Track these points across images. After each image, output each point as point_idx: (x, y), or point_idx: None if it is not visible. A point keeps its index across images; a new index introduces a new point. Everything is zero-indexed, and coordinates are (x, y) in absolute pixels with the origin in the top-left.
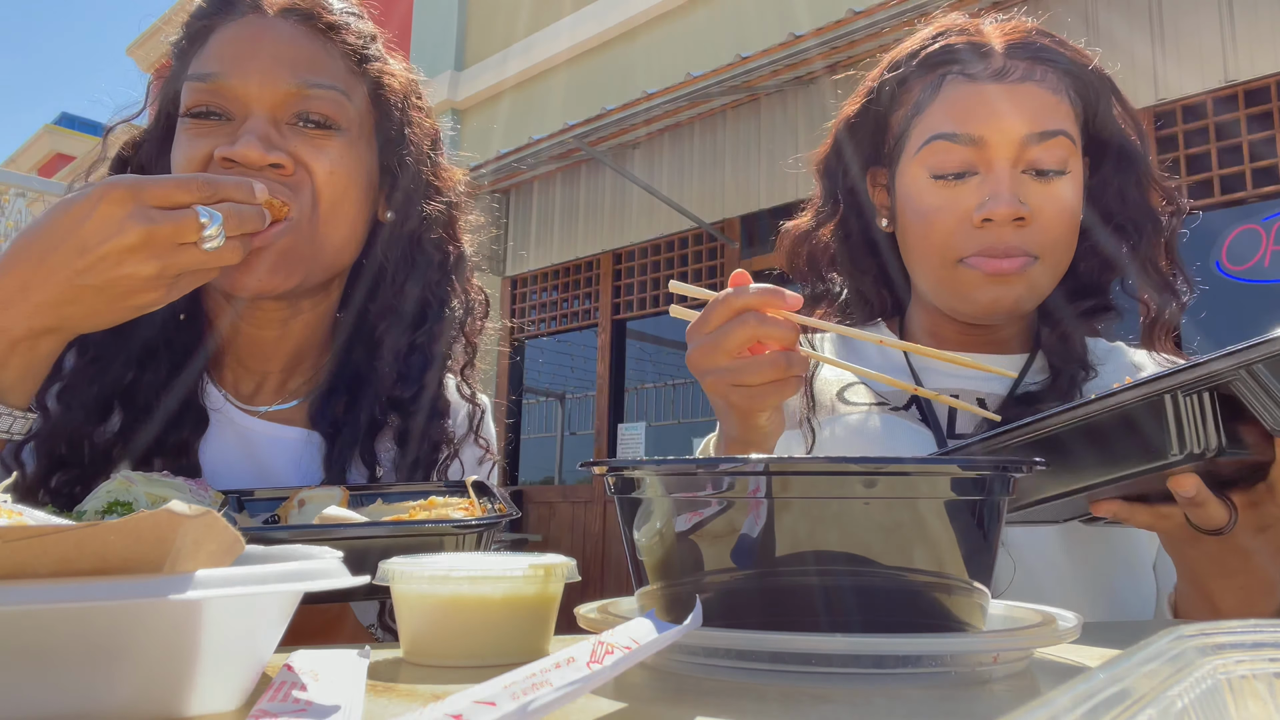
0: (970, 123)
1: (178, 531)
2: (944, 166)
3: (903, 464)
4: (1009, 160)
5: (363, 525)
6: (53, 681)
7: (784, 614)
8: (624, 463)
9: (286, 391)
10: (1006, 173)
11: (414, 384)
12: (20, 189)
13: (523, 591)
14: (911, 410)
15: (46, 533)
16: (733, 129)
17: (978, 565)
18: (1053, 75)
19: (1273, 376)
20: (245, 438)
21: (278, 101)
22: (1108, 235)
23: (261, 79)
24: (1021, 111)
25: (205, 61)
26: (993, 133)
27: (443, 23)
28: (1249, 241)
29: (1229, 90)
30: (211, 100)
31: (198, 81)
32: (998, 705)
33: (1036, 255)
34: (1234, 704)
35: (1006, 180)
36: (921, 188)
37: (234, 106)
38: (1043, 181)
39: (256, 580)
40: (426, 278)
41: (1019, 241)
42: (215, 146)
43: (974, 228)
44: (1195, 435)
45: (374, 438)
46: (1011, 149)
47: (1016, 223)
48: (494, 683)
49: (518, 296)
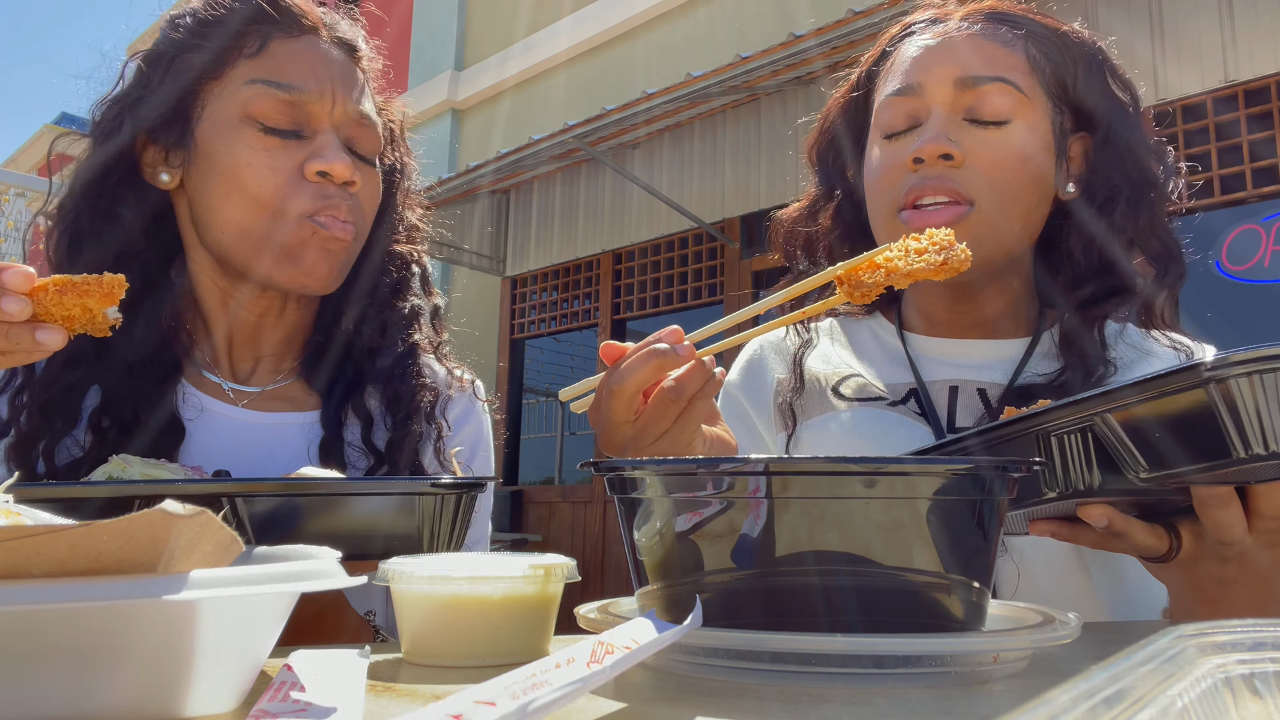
0: (909, 74)
1: (171, 532)
2: (892, 124)
3: (903, 463)
4: (945, 105)
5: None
6: (47, 683)
7: (784, 614)
8: (624, 463)
9: (282, 369)
10: (942, 116)
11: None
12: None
13: (523, 591)
14: (909, 404)
15: (40, 533)
16: (733, 129)
17: (978, 565)
18: (1006, 31)
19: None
20: (233, 432)
21: (343, 124)
22: (1106, 211)
23: (335, 99)
24: (956, 56)
25: (278, 71)
26: (928, 79)
27: (443, 23)
28: (1249, 241)
29: (1229, 90)
30: (290, 114)
31: (277, 90)
32: (998, 705)
33: (971, 200)
34: (1234, 704)
35: (939, 120)
36: (876, 151)
37: (305, 121)
38: (980, 127)
39: (251, 581)
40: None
41: (951, 183)
42: (297, 161)
43: (908, 172)
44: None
45: (363, 394)
46: (945, 91)
47: (944, 161)
48: (494, 683)
49: (518, 296)
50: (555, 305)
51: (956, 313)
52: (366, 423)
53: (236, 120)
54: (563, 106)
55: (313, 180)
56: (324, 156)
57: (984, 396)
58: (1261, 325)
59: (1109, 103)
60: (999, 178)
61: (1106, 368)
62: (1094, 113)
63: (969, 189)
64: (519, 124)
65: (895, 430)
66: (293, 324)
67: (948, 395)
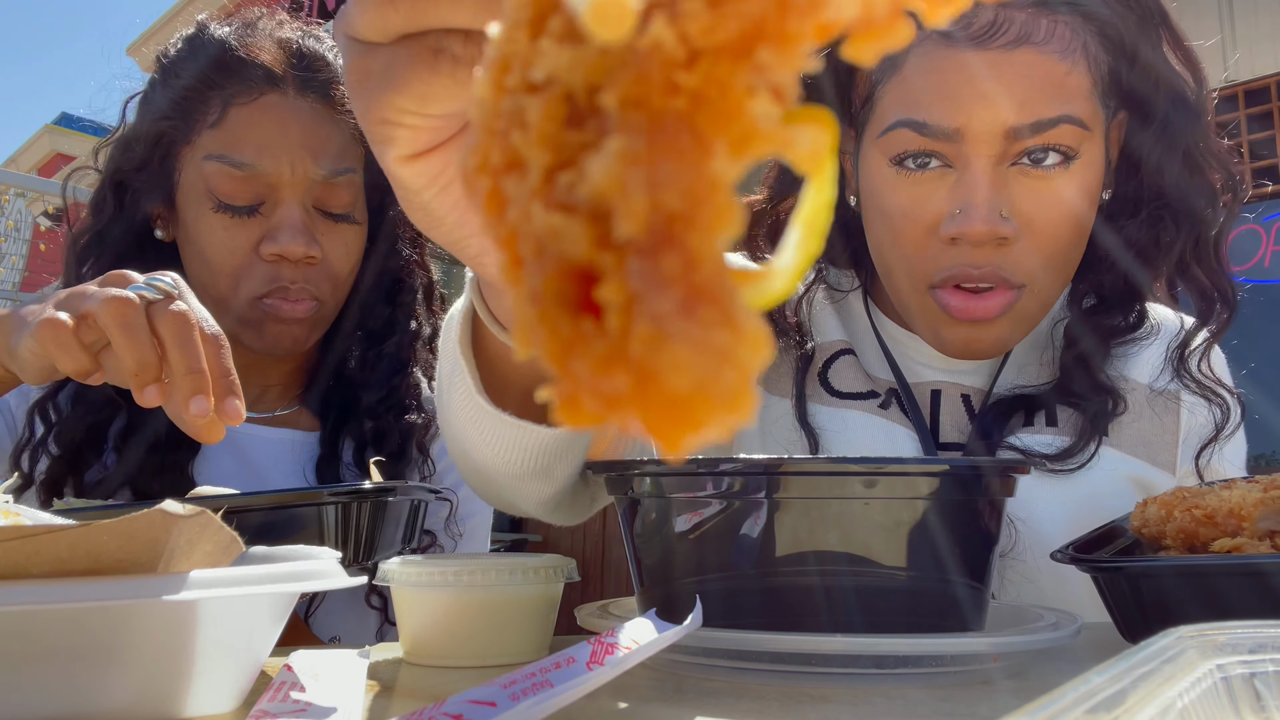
0: (942, 108)
1: (171, 532)
2: (906, 153)
3: (903, 464)
4: (990, 158)
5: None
6: (47, 683)
7: (784, 614)
8: (624, 463)
9: (290, 395)
10: (986, 175)
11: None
12: (20, 189)
13: (523, 591)
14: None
15: (39, 533)
16: None
17: (978, 565)
18: (1063, 27)
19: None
20: (239, 446)
21: (306, 190)
22: (1135, 223)
23: (293, 169)
24: (1011, 93)
25: (233, 145)
26: (970, 121)
27: None
28: (1249, 241)
29: (1229, 90)
30: (245, 190)
31: (231, 168)
32: (998, 705)
33: (1023, 284)
34: (1234, 704)
35: (984, 186)
36: (884, 180)
37: (266, 193)
38: (1036, 177)
39: (251, 581)
40: (399, 300)
41: (1000, 264)
42: (253, 239)
43: (944, 244)
44: None
45: (360, 421)
46: (994, 144)
47: (998, 243)
48: (494, 683)
49: None
50: None
51: None
52: (360, 445)
53: (201, 193)
54: None
55: (268, 260)
56: (276, 239)
57: (967, 403)
58: (1261, 325)
59: (1167, 86)
60: (1056, 250)
61: (1117, 404)
62: (1146, 97)
63: (1019, 272)
64: None
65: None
66: (300, 358)
67: (930, 400)
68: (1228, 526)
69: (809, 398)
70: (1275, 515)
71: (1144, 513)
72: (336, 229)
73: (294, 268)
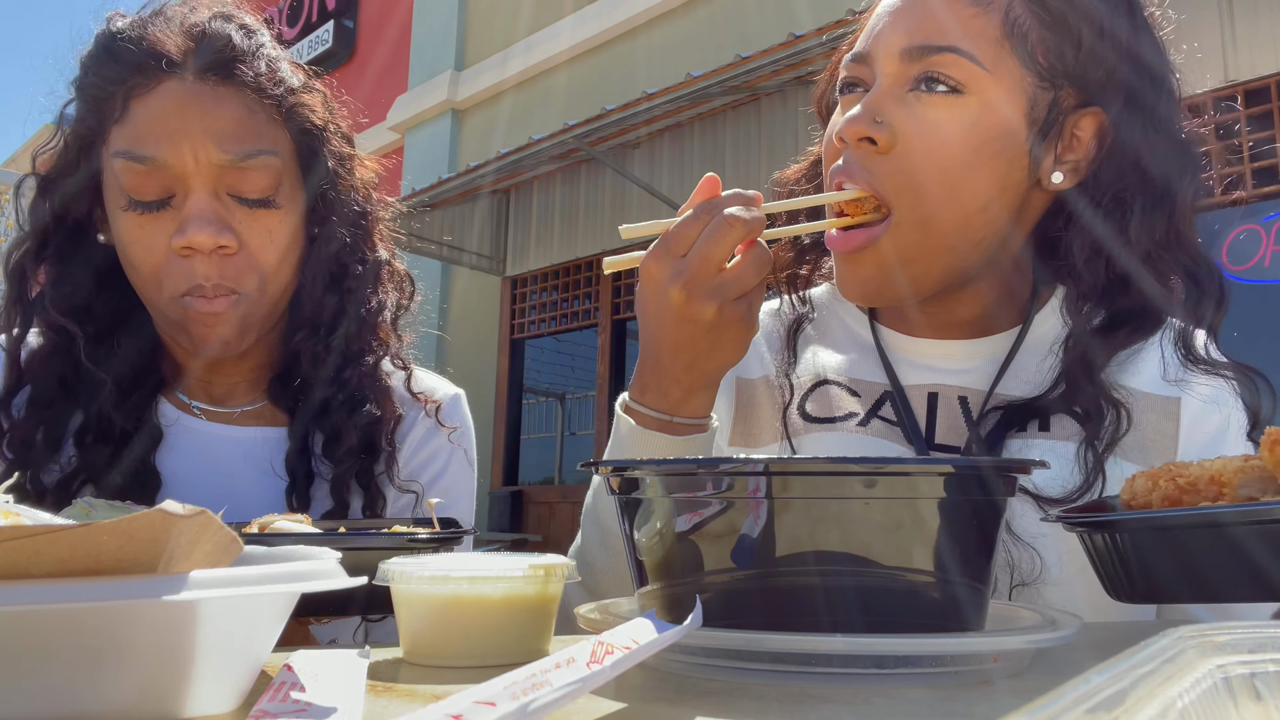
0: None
1: (171, 532)
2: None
3: (903, 464)
4: (889, 76)
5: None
6: (47, 683)
7: (784, 614)
8: (624, 463)
9: (257, 391)
10: (880, 90)
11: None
12: None
13: (523, 591)
14: (884, 408)
15: (39, 533)
16: (733, 129)
17: (978, 565)
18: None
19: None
20: (205, 443)
21: (215, 176)
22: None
23: (196, 157)
24: (910, 20)
25: (135, 140)
26: (877, 45)
27: (443, 23)
28: (1249, 241)
29: (1229, 90)
30: (152, 183)
31: (134, 163)
32: (998, 705)
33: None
34: (1234, 704)
35: (872, 96)
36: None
37: (174, 185)
38: (925, 102)
39: (251, 581)
40: (345, 286)
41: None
42: (169, 235)
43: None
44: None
45: (329, 414)
46: (891, 62)
47: (865, 145)
48: (494, 683)
49: (518, 296)
50: (555, 305)
51: (928, 314)
52: (330, 438)
53: (115, 192)
54: (563, 106)
55: (183, 255)
56: (185, 231)
57: (965, 405)
58: (1261, 325)
59: (1127, 71)
60: (930, 168)
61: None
62: (1105, 83)
63: (887, 186)
64: (519, 124)
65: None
66: (259, 353)
67: (926, 402)
68: (1209, 493)
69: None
70: (1255, 482)
71: (1132, 485)
72: (255, 215)
73: (209, 262)
